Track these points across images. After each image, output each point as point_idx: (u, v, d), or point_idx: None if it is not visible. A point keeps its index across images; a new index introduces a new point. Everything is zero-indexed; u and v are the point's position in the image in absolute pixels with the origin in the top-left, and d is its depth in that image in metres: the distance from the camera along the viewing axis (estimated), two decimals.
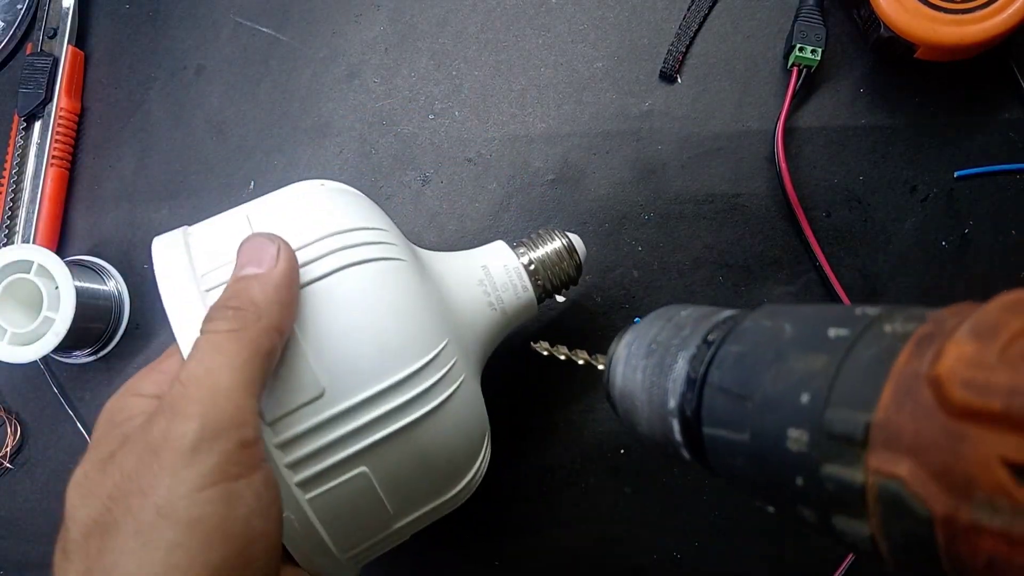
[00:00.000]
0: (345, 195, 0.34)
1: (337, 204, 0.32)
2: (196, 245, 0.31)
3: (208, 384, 0.24)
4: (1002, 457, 0.13)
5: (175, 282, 0.29)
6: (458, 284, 0.35)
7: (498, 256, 0.37)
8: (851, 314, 0.18)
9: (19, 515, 0.48)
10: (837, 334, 0.18)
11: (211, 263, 0.30)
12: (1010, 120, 0.42)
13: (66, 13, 0.50)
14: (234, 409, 0.24)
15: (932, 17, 0.39)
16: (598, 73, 0.45)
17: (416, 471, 0.31)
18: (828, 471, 0.17)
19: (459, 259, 0.37)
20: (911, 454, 0.15)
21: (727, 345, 0.22)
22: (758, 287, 0.43)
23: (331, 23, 0.48)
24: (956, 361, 0.14)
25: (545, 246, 0.37)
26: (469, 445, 0.33)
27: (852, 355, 0.17)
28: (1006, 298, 0.15)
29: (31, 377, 0.49)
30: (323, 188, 0.34)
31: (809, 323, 0.19)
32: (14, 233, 0.48)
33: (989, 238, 0.42)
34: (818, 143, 0.43)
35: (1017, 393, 0.13)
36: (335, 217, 0.31)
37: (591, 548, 0.43)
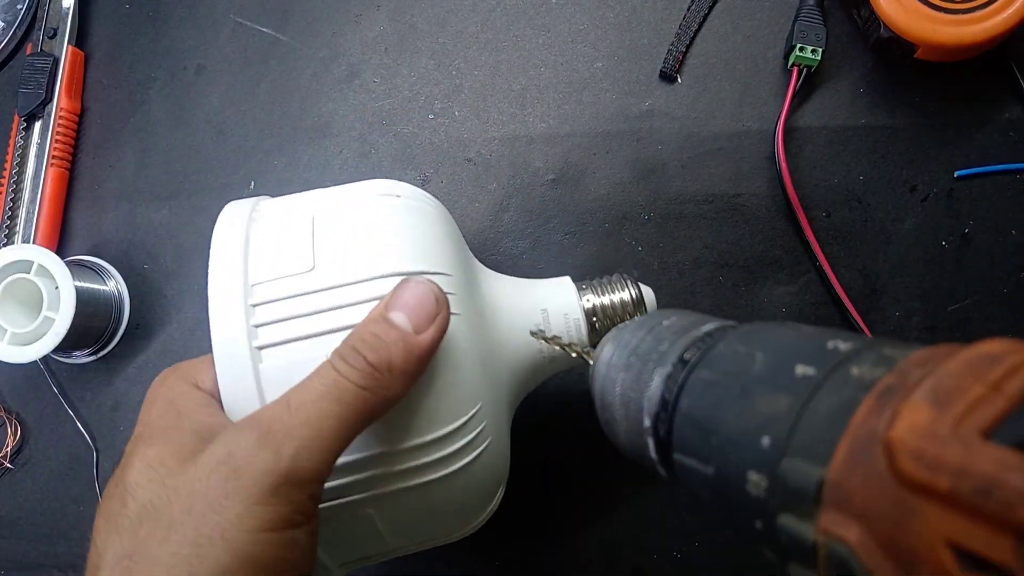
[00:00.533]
0: (419, 219, 0.31)
1: (407, 236, 0.30)
2: (256, 238, 0.29)
3: (315, 428, 0.24)
4: (948, 539, 0.13)
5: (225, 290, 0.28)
6: (511, 328, 0.33)
7: (561, 298, 0.34)
8: (823, 348, 0.18)
9: (19, 515, 0.48)
10: (804, 372, 0.17)
11: (264, 274, 0.28)
12: (1010, 120, 0.42)
13: (66, 13, 0.50)
14: (324, 464, 0.24)
15: (932, 17, 0.39)
16: (598, 73, 0.45)
17: (422, 520, 0.30)
18: (783, 522, 0.16)
19: (519, 294, 0.34)
20: (861, 519, 0.14)
21: (699, 370, 0.21)
22: (758, 287, 0.43)
23: (331, 23, 0.48)
24: (909, 428, 0.14)
25: (612, 294, 0.34)
26: (480, 500, 0.32)
27: (814, 401, 0.16)
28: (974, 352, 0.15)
29: (31, 377, 0.49)
30: (398, 204, 0.31)
31: (780, 354, 0.19)
32: (14, 233, 0.48)
33: (989, 238, 0.42)
34: (818, 143, 0.43)
35: (965, 475, 0.13)
36: (402, 253, 0.29)
37: (591, 548, 0.43)
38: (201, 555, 0.22)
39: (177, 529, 0.23)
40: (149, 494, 0.24)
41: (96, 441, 0.48)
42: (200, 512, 0.23)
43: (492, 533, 0.43)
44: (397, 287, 0.27)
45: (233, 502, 0.23)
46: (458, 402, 0.29)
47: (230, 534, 0.22)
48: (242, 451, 0.23)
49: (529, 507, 0.43)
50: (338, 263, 0.28)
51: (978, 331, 0.42)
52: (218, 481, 0.23)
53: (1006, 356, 0.14)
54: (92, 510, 0.47)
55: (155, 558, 0.22)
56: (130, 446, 0.26)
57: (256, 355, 0.27)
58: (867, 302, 0.42)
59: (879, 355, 0.16)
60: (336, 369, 0.25)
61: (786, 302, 0.43)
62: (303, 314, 0.27)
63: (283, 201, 0.32)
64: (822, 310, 0.42)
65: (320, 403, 0.24)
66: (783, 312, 0.43)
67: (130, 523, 0.23)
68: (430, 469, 0.28)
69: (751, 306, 0.43)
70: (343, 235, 0.29)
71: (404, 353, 0.26)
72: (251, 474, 0.23)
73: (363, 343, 0.26)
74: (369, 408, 0.25)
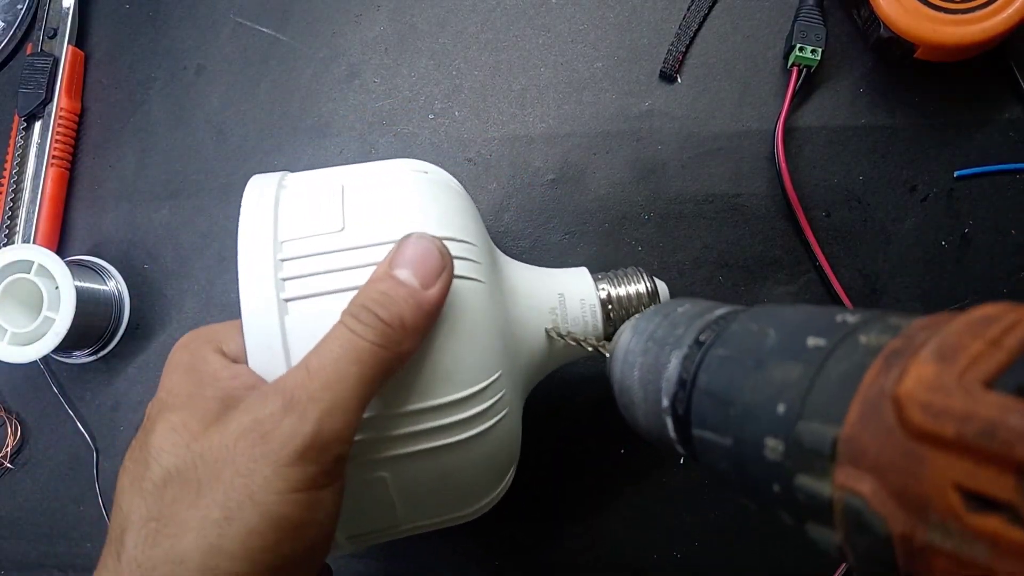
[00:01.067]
0: (445, 192, 0.32)
1: (434, 203, 0.31)
2: (286, 202, 0.30)
3: (336, 390, 0.24)
4: (955, 482, 0.14)
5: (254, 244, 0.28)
6: (529, 308, 0.33)
7: (578, 285, 0.35)
8: (832, 322, 0.19)
9: (19, 515, 0.48)
10: (815, 344, 0.18)
11: (294, 231, 0.29)
12: (1010, 120, 0.42)
13: (66, 13, 0.50)
14: (348, 425, 0.25)
15: (932, 17, 0.39)
16: (598, 73, 0.45)
17: (434, 489, 0.30)
18: (800, 482, 0.17)
19: (538, 279, 0.35)
20: (874, 472, 0.15)
21: (715, 348, 0.22)
22: (758, 287, 0.43)
23: (331, 23, 0.48)
24: (916, 383, 0.15)
25: (628, 286, 0.36)
26: (493, 475, 0.32)
27: (826, 367, 0.17)
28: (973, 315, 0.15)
29: (31, 377, 0.49)
30: (425, 178, 0.32)
31: (791, 329, 0.20)
32: (14, 233, 0.48)
33: (989, 238, 0.42)
34: (818, 143, 0.43)
35: (970, 420, 0.13)
36: (428, 219, 0.30)
37: (591, 548, 0.43)
38: (231, 518, 0.23)
39: (205, 493, 0.23)
40: (174, 459, 0.24)
41: (96, 441, 0.48)
42: (228, 477, 0.23)
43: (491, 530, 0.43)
44: (399, 243, 0.27)
45: (261, 466, 0.23)
46: (477, 367, 0.29)
47: (259, 496, 0.23)
48: (268, 417, 0.24)
49: (528, 506, 0.43)
50: (367, 224, 0.29)
51: None
52: (245, 447, 0.23)
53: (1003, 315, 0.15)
54: (92, 510, 0.47)
55: (183, 521, 0.23)
56: (153, 409, 0.27)
57: (283, 307, 0.27)
58: (867, 302, 0.42)
59: (885, 324, 0.17)
60: (350, 329, 0.25)
61: (786, 302, 0.43)
62: (331, 270, 0.28)
63: (310, 173, 0.33)
64: None
65: (339, 364, 0.25)
66: None
67: (154, 487, 0.24)
68: (447, 432, 0.29)
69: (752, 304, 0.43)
70: (372, 201, 0.30)
71: (414, 308, 0.26)
72: (278, 439, 0.23)
73: (373, 301, 0.26)
74: (386, 364, 0.26)
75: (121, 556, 0.23)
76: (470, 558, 0.44)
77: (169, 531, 0.23)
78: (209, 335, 0.29)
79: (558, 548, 0.43)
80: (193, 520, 0.23)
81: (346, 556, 0.44)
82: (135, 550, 0.23)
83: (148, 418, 0.27)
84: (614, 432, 0.43)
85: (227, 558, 0.22)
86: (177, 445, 0.24)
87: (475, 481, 0.31)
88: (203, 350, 0.28)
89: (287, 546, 0.23)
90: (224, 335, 0.29)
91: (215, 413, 0.25)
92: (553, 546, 0.43)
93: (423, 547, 0.44)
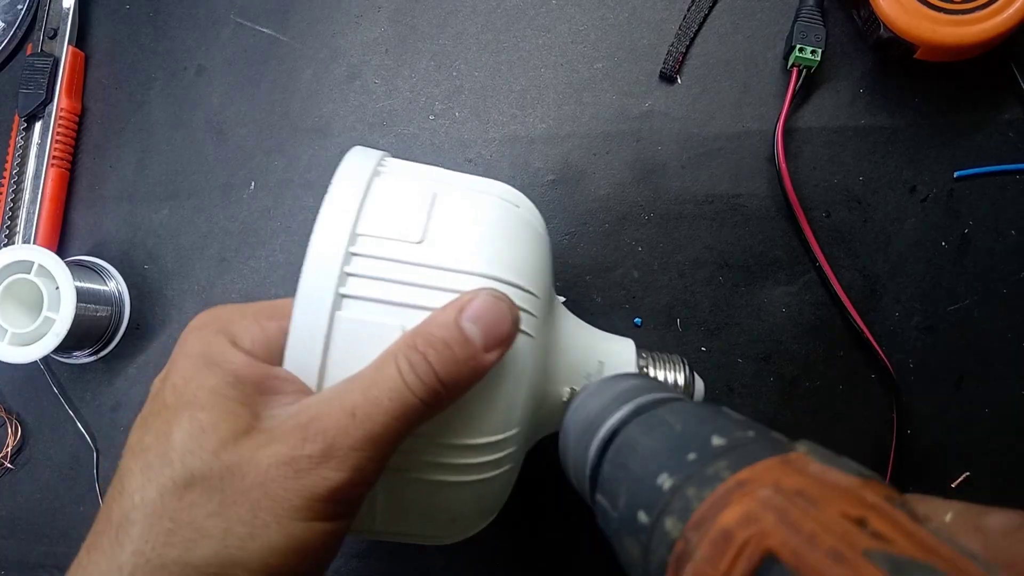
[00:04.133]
0: (528, 233, 0.31)
1: (515, 247, 0.30)
2: (375, 193, 0.29)
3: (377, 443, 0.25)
4: None
5: (332, 229, 0.28)
6: (566, 366, 0.33)
7: (620, 357, 0.34)
8: (654, 487, 0.20)
9: (19, 515, 0.48)
10: (643, 521, 0.20)
11: (373, 228, 0.28)
12: (1010, 120, 0.42)
13: (66, 13, 0.50)
14: (377, 472, 0.25)
15: (932, 17, 0.39)
16: (598, 74, 0.45)
17: (418, 516, 0.30)
18: None
19: (583, 339, 0.34)
20: None
21: (597, 492, 0.24)
22: (758, 287, 0.43)
23: (331, 24, 0.48)
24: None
25: (668, 371, 0.35)
26: (477, 518, 0.32)
27: (650, 552, 0.19)
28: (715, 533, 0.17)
29: (31, 377, 0.49)
30: (514, 213, 0.31)
31: (631, 494, 0.22)
32: (15, 233, 0.48)
33: (989, 238, 0.42)
34: (818, 143, 0.43)
35: None
36: (504, 262, 0.29)
37: (591, 548, 0.43)
38: (255, 535, 0.23)
39: (230, 507, 0.23)
40: (199, 463, 0.24)
41: (96, 441, 0.48)
42: (256, 497, 0.23)
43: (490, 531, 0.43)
44: (475, 293, 0.27)
45: (292, 496, 0.24)
46: (500, 419, 0.29)
47: (285, 521, 0.23)
48: (306, 459, 0.24)
49: (527, 506, 0.43)
50: (446, 246, 0.28)
51: (978, 331, 0.42)
52: (279, 476, 0.24)
53: (736, 534, 0.17)
54: (92, 510, 0.47)
55: (202, 528, 0.23)
56: (168, 394, 0.26)
57: (338, 300, 0.27)
58: (867, 302, 0.42)
59: (684, 502, 0.19)
60: (405, 380, 0.25)
61: (786, 302, 0.43)
62: (395, 280, 0.27)
63: (410, 167, 0.32)
64: (822, 310, 0.42)
65: (386, 419, 0.25)
66: (783, 312, 0.43)
67: (175, 486, 0.24)
68: (451, 471, 0.28)
69: (751, 306, 0.43)
70: (458, 222, 0.29)
71: (470, 373, 0.26)
72: (314, 478, 0.24)
73: (436, 354, 0.25)
74: (422, 419, 0.26)
75: (124, 545, 0.23)
76: (469, 559, 0.44)
77: (185, 534, 0.23)
78: (224, 323, 0.28)
79: (558, 548, 0.43)
80: (215, 529, 0.23)
81: (346, 556, 0.44)
82: (144, 545, 0.23)
83: (164, 404, 0.26)
84: None
85: (244, 571, 0.23)
86: (205, 449, 0.24)
87: (456, 519, 0.31)
88: (219, 342, 0.27)
89: (302, 567, 0.24)
90: (240, 326, 0.28)
91: (245, 422, 0.25)
92: (553, 546, 0.43)
93: (420, 550, 0.44)
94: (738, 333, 0.43)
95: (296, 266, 0.26)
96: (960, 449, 0.41)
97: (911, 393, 0.42)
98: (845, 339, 0.42)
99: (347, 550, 0.44)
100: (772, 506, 0.17)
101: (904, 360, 0.42)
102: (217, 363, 0.26)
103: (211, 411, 0.25)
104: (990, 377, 0.41)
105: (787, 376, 0.43)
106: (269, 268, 0.47)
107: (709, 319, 0.43)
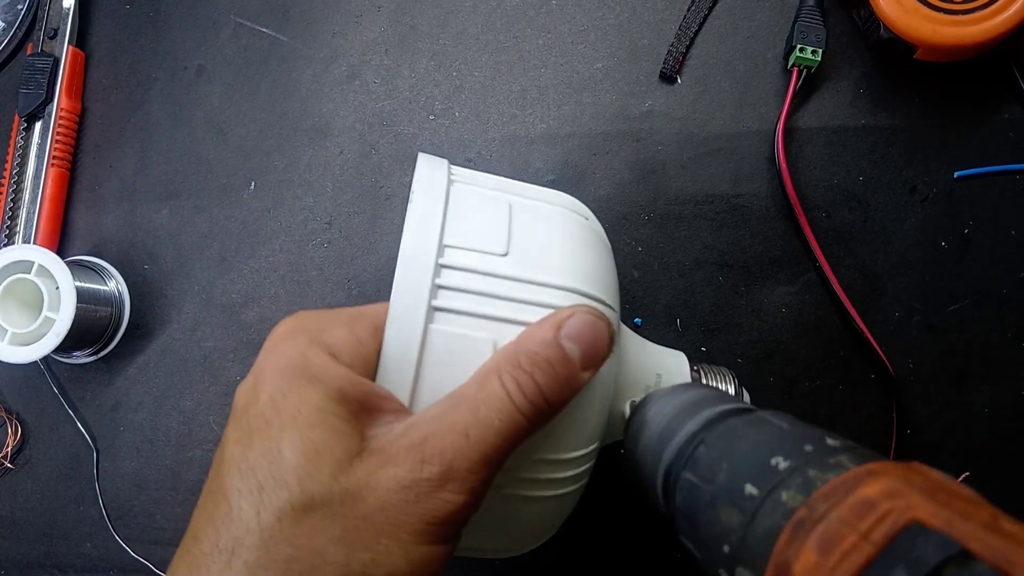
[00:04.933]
0: (601, 246, 0.32)
1: (595, 260, 0.30)
2: (456, 202, 0.29)
3: (492, 466, 0.24)
4: None
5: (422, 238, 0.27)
6: (630, 381, 0.33)
7: (676, 369, 0.35)
8: (766, 468, 0.21)
9: (19, 515, 0.48)
10: (750, 492, 0.21)
11: (459, 239, 0.28)
12: (1010, 120, 0.42)
13: (66, 13, 0.50)
14: (486, 491, 0.25)
15: (932, 18, 0.39)
16: (598, 74, 0.45)
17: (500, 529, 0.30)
18: None
19: (643, 352, 0.35)
20: None
21: (686, 471, 0.25)
22: (758, 287, 0.43)
23: (331, 24, 0.48)
24: (803, 569, 0.17)
25: (718, 383, 0.36)
26: (547, 531, 0.32)
27: (756, 520, 0.20)
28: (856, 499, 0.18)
29: (31, 377, 0.49)
30: (587, 226, 0.32)
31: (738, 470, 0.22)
32: (15, 233, 0.48)
33: (989, 238, 0.42)
34: (818, 143, 0.43)
35: None
36: (591, 277, 0.29)
37: (591, 548, 0.43)
38: (378, 561, 0.23)
39: (352, 532, 0.23)
40: (318, 486, 0.23)
41: (96, 441, 0.48)
42: (379, 523, 0.23)
43: None
44: (572, 311, 0.26)
45: (414, 520, 0.23)
46: (585, 434, 0.29)
47: (408, 545, 0.23)
48: (426, 482, 0.24)
49: None
50: (531, 259, 0.28)
51: (978, 331, 0.42)
52: (400, 501, 0.23)
53: (880, 502, 0.17)
54: (92, 510, 0.47)
55: (325, 555, 0.23)
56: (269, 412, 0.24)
57: (431, 314, 0.26)
58: (867, 302, 0.42)
59: (805, 479, 0.20)
60: (513, 400, 0.25)
61: (786, 302, 0.43)
62: (485, 293, 0.27)
63: (475, 175, 0.32)
64: (822, 310, 0.42)
65: (498, 441, 0.24)
66: (783, 312, 0.43)
67: (292, 509, 0.23)
68: (541, 486, 0.28)
69: (751, 306, 0.43)
70: (537, 235, 0.29)
71: (570, 393, 0.26)
72: (434, 503, 0.24)
73: (541, 373, 0.25)
74: (526, 438, 0.26)
75: (237, 570, 0.22)
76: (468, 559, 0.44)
77: (307, 561, 0.22)
78: (315, 331, 0.27)
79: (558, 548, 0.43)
80: (337, 555, 0.23)
81: None
82: (262, 572, 0.22)
83: (265, 420, 0.24)
84: None
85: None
86: (322, 471, 0.23)
87: (536, 531, 0.31)
88: (315, 353, 0.26)
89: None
90: (333, 337, 0.26)
91: (356, 443, 0.24)
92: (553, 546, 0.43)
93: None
94: (738, 333, 0.43)
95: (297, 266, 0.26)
96: (960, 449, 0.41)
97: (911, 393, 0.42)
98: (845, 339, 0.42)
99: None
100: (916, 486, 0.17)
101: (904, 360, 0.42)
102: (318, 378, 0.25)
103: (321, 430, 0.24)
104: (990, 377, 0.41)
105: (787, 376, 0.43)
106: (269, 268, 0.47)
107: (709, 319, 0.43)
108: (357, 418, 0.25)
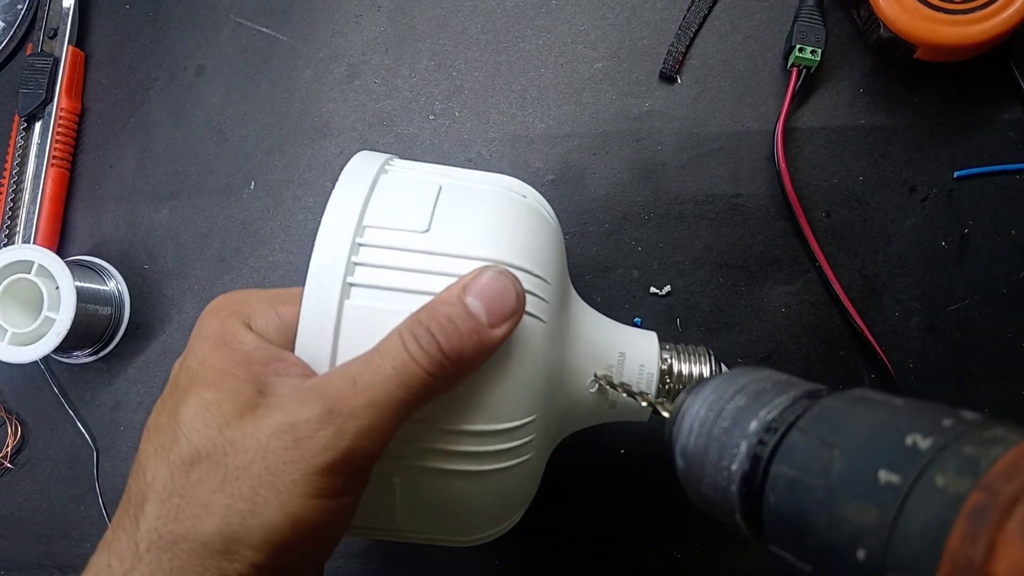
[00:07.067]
0: (537, 221, 0.32)
1: (522, 231, 0.30)
2: (382, 188, 0.30)
3: (378, 411, 0.24)
4: None
5: (339, 220, 0.28)
6: (585, 357, 0.32)
7: (642, 349, 0.34)
8: (902, 448, 0.18)
9: (19, 515, 0.48)
10: (887, 480, 0.17)
11: (380, 219, 0.29)
12: (1010, 120, 0.42)
13: (66, 13, 0.50)
14: (381, 444, 0.25)
15: (932, 17, 0.39)
16: (598, 74, 0.45)
17: (438, 508, 0.30)
18: None
19: (603, 331, 0.34)
20: None
21: (778, 463, 0.21)
22: (758, 287, 0.43)
23: (331, 23, 0.48)
24: (1010, 568, 0.14)
25: (693, 364, 0.34)
26: (499, 512, 0.32)
27: (904, 514, 0.17)
28: None
29: (31, 377, 0.49)
30: (521, 202, 0.32)
31: (859, 455, 0.19)
32: (15, 233, 0.48)
33: (989, 238, 0.42)
34: (818, 143, 0.43)
35: None
36: (512, 246, 0.29)
37: (591, 548, 0.43)
38: (255, 512, 0.23)
39: (232, 483, 0.23)
40: (204, 439, 0.24)
41: (96, 441, 0.48)
42: (257, 472, 0.23)
43: None
44: (479, 271, 0.27)
45: (291, 469, 0.24)
46: (516, 405, 0.29)
47: (284, 497, 0.23)
48: (304, 424, 0.24)
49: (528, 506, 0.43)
50: (452, 234, 0.29)
51: (978, 331, 0.42)
52: (278, 448, 0.24)
53: None
54: (92, 510, 0.47)
55: (207, 504, 0.23)
56: (182, 376, 0.26)
57: (346, 289, 0.27)
58: (867, 302, 0.42)
59: (961, 459, 0.17)
60: (408, 350, 0.25)
61: (786, 302, 0.43)
62: (402, 268, 0.28)
63: (416, 165, 0.33)
64: (822, 310, 0.42)
65: (388, 385, 0.25)
66: (783, 312, 0.43)
67: (181, 463, 0.24)
68: (466, 459, 0.28)
69: (751, 306, 0.43)
70: (463, 211, 0.30)
71: (475, 345, 0.26)
72: (312, 448, 0.24)
73: (439, 327, 0.25)
74: (431, 393, 0.26)
75: (140, 522, 0.24)
76: (469, 559, 0.44)
77: (192, 511, 0.23)
78: (239, 306, 0.28)
79: (558, 548, 0.43)
80: (218, 505, 0.23)
81: (346, 556, 0.44)
82: (157, 521, 0.23)
83: (177, 385, 0.26)
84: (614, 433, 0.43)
85: (246, 547, 0.23)
86: (209, 426, 0.24)
87: (479, 513, 0.31)
88: (233, 324, 0.27)
89: (302, 544, 0.24)
90: (254, 309, 0.28)
91: (249, 399, 0.25)
92: (553, 546, 0.43)
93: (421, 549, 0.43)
94: (738, 333, 0.43)
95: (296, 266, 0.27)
96: None
97: (911, 393, 0.42)
98: (845, 339, 0.42)
99: (347, 550, 0.44)
100: None
101: (904, 360, 0.42)
102: (228, 343, 0.26)
103: (217, 389, 0.25)
104: (990, 377, 0.41)
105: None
106: (269, 268, 0.47)
107: (709, 319, 0.43)
108: (260, 379, 0.26)
